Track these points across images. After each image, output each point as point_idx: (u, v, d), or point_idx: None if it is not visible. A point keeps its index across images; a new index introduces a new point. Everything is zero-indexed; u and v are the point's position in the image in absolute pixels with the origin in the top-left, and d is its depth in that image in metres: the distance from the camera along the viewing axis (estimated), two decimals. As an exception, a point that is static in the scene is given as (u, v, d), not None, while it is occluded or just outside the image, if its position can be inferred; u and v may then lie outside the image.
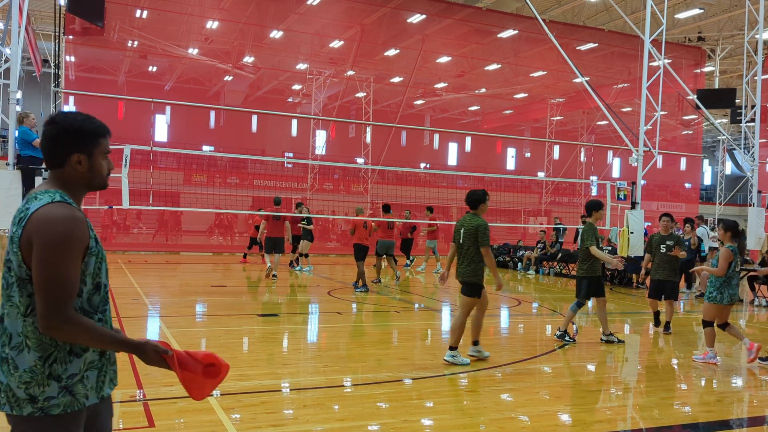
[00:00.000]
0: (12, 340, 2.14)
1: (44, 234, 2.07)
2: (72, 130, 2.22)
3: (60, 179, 2.24)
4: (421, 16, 25.16)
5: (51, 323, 2.07)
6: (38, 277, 2.07)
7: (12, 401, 2.12)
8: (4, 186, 9.89)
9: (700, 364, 7.48)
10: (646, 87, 15.58)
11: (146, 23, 26.46)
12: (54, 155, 2.23)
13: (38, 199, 2.15)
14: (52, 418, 2.13)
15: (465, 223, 7.14)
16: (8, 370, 2.13)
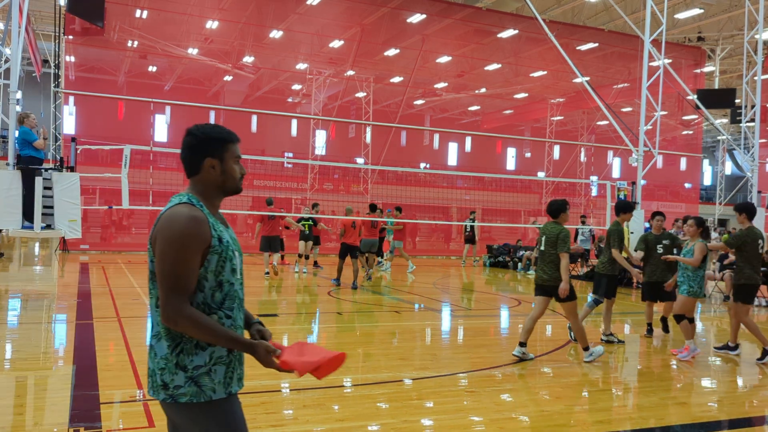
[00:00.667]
0: (153, 329, 2.35)
1: (165, 231, 2.27)
2: (204, 138, 2.41)
3: (197, 185, 2.43)
4: (421, 16, 25.15)
5: (167, 314, 2.24)
6: (158, 270, 2.27)
7: (153, 385, 2.35)
8: (4, 186, 9.90)
9: (684, 362, 7.50)
10: (646, 87, 15.59)
11: (146, 23, 26.44)
12: (191, 163, 2.42)
13: (171, 202, 2.38)
14: (181, 406, 2.32)
15: (547, 231, 7.49)
16: (152, 357, 2.35)
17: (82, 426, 4.62)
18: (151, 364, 2.34)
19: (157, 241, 2.27)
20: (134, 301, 11.07)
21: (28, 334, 8.27)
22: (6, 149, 17.78)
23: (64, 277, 15.16)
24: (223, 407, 2.35)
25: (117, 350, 7.23)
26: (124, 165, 12.00)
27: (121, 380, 5.89)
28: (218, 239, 2.34)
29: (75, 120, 34.83)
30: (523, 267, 20.37)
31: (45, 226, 10.29)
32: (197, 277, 2.28)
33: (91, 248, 21.83)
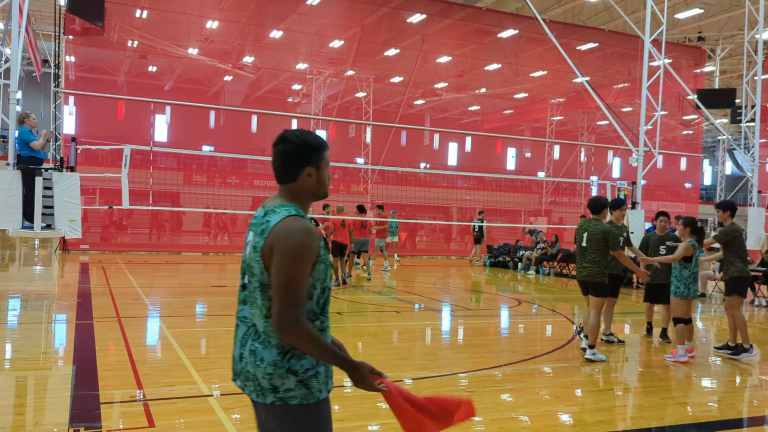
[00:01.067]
0: (260, 337, 2.38)
1: (283, 244, 2.30)
2: (304, 146, 2.44)
3: (292, 192, 2.48)
4: (421, 16, 25.15)
5: (283, 326, 2.28)
6: (275, 282, 2.30)
7: (257, 389, 2.36)
8: (4, 186, 9.90)
9: (672, 363, 7.50)
10: (646, 87, 15.58)
11: (146, 23, 26.44)
12: (288, 170, 2.46)
13: (277, 213, 2.38)
14: (291, 408, 2.36)
15: (589, 228, 7.58)
16: (254, 362, 2.36)
17: (82, 426, 4.62)
18: (252, 369, 2.37)
19: (277, 254, 2.30)
20: (134, 301, 11.07)
21: (28, 334, 8.27)
22: (6, 149, 17.78)
23: (64, 277, 15.16)
24: (324, 407, 2.45)
25: (117, 350, 7.23)
26: (124, 165, 12.00)
27: (121, 380, 5.89)
28: (323, 248, 2.42)
29: (75, 120, 34.83)
30: (523, 267, 20.36)
31: (45, 226, 10.29)
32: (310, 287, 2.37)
33: (91, 248, 21.83)
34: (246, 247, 2.46)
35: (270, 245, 2.31)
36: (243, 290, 2.47)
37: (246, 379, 2.40)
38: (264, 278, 2.34)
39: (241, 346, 2.43)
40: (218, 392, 5.60)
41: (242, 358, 2.40)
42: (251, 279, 2.39)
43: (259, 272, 2.35)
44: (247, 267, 2.42)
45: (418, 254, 27.74)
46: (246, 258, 2.44)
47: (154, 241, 26.59)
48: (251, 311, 2.41)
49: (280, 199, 2.47)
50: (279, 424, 2.37)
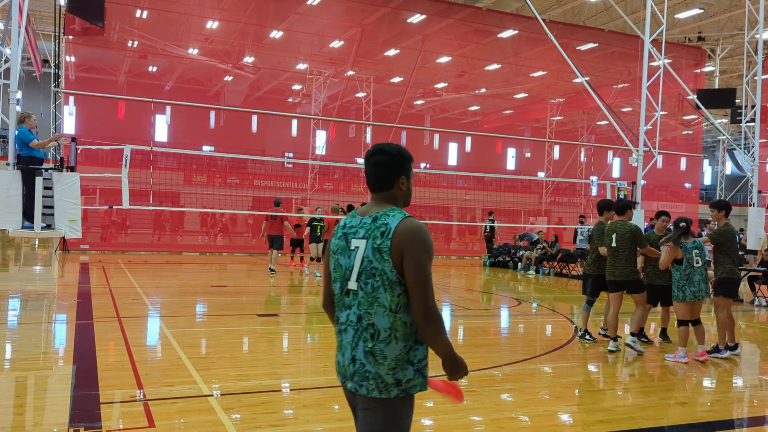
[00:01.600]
0: (380, 335, 2.52)
1: (416, 244, 2.50)
2: (399, 157, 2.68)
3: (388, 199, 2.68)
4: (421, 16, 25.14)
5: (429, 317, 2.48)
6: (415, 279, 2.48)
7: (381, 386, 2.51)
8: (4, 186, 9.89)
9: (672, 363, 7.47)
10: (646, 87, 15.57)
11: (146, 23, 26.44)
12: (386, 179, 2.67)
13: (391, 216, 2.57)
14: (411, 397, 2.57)
15: (617, 229, 7.88)
16: (375, 361, 2.51)
17: (82, 426, 4.62)
18: (373, 368, 2.51)
19: (411, 253, 2.48)
20: (134, 301, 11.07)
21: (28, 334, 8.27)
22: (6, 149, 17.78)
23: (64, 277, 15.16)
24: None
25: (117, 350, 7.23)
26: (125, 165, 11.99)
27: (121, 380, 5.89)
28: None
29: (75, 120, 34.83)
30: (523, 267, 20.36)
31: (45, 226, 10.29)
32: None
33: (91, 248, 21.82)
34: (346, 254, 2.61)
35: (398, 244, 2.49)
36: (347, 296, 2.61)
37: (363, 378, 2.53)
38: (393, 275, 2.50)
39: (352, 350, 2.57)
40: (218, 392, 5.60)
41: (355, 360, 2.55)
42: (370, 280, 2.53)
43: (388, 271, 2.50)
44: (363, 270, 2.55)
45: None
46: (354, 263, 2.58)
47: (155, 241, 26.59)
48: (370, 311, 2.53)
49: (381, 205, 2.66)
50: (400, 413, 2.56)
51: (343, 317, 2.62)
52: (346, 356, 2.60)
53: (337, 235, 2.70)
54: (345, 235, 2.65)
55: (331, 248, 2.73)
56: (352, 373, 2.57)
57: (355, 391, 2.58)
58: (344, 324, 2.61)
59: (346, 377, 2.61)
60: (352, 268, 2.58)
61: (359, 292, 2.55)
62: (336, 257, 2.66)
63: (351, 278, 2.58)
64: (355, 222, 2.64)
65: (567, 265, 19.17)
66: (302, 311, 11.50)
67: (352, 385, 2.58)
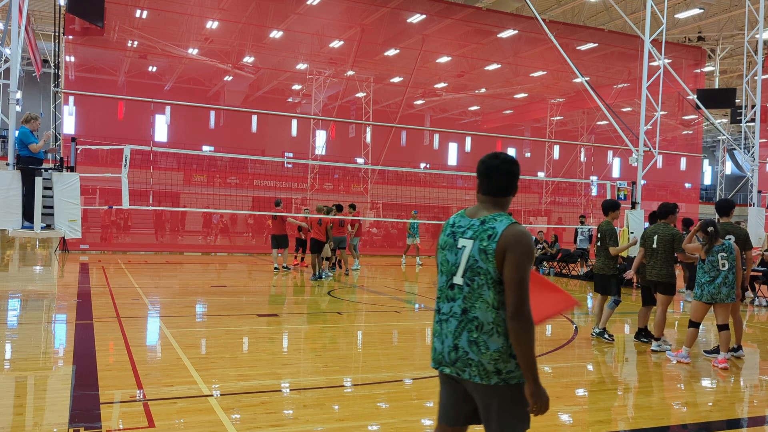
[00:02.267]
0: (483, 327, 2.75)
1: (518, 246, 2.72)
2: (518, 169, 2.94)
3: (500, 204, 2.91)
4: (421, 16, 25.15)
5: (521, 315, 2.67)
6: (513, 279, 2.69)
7: (482, 374, 2.75)
8: (4, 186, 9.89)
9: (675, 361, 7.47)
10: (646, 87, 15.57)
11: (146, 23, 26.44)
12: (508, 187, 2.90)
13: (499, 221, 2.79)
14: (510, 387, 2.76)
15: (659, 231, 8.20)
16: (478, 350, 2.75)
17: (82, 426, 4.62)
18: (476, 356, 2.75)
19: (512, 254, 2.70)
20: (134, 301, 11.07)
21: (28, 334, 8.27)
22: (6, 149, 17.78)
23: (64, 277, 15.16)
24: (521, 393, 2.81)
25: (117, 350, 7.23)
26: (124, 165, 11.98)
27: (121, 380, 5.89)
28: None
29: (75, 120, 34.84)
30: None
31: (45, 226, 10.28)
32: None
33: (91, 248, 21.83)
34: (453, 251, 2.86)
35: (503, 247, 2.72)
36: (451, 290, 2.85)
37: (466, 365, 2.78)
38: (496, 275, 2.73)
39: (454, 338, 2.81)
40: (218, 392, 5.60)
41: (458, 348, 2.80)
42: (475, 278, 2.77)
43: (492, 270, 2.73)
44: (468, 267, 2.79)
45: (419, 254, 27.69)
46: (460, 260, 2.82)
47: (154, 241, 26.59)
48: (475, 306, 2.77)
49: (490, 209, 2.88)
50: (501, 401, 2.77)
51: (446, 308, 2.86)
52: (446, 344, 2.84)
53: (445, 233, 2.94)
54: (453, 233, 2.89)
55: (439, 244, 2.98)
56: (453, 360, 2.81)
57: (457, 376, 2.82)
58: (447, 314, 2.86)
59: (443, 363, 2.86)
60: (458, 265, 2.83)
61: (465, 287, 2.80)
62: (444, 253, 2.92)
63: (457, 274, 2.83)
64: (464, 222, 2.88)
65: (567, 265, 19.17)
66: (302, 311, 11.50)
67: (452, 370, 2.83)
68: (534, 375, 2.71)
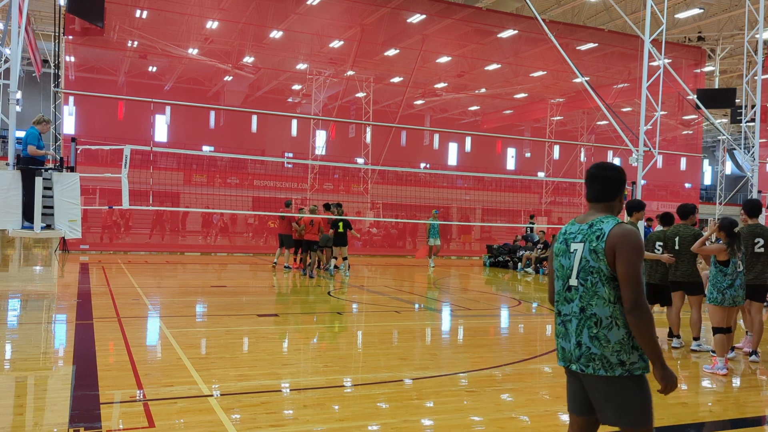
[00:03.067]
0: (602, 322, 2.97)
1: (629, 245, 2.93)
2: (624, 177, 3.18)
3: (606, 209, 3.14)
4: (421, 16, 25.14)
5: (638, 307, 2.88)
6: (626, 275, 2.90)
7: (606, 366, 2.95)
8: (4, 186, 9.89)
9: (707, 373, 7.33)
10: (646, 87, 15.57)
11: (146, 23, 26.44)
12: (612, 193, 3.14)
13: (605, 222, 3.03)
14: (634, 378, 2.96)
15: (680, 232, 8.26)
16: (600, 344, 2.96)
17: (82, 426, 4.62)
18: (599, 350, 2.96)
19: (623, 252, 2.92)
20: (134, 301, 11.07)
21: (28, 334, 8.27)
22: (6, 149, 17.79)
23: (64, 277, 15.16)
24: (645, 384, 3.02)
25: (117, 350, 7.23)
26: (124, 165, 11.99)
27: (121, 380, 5.89)
28: None
29: (75, 120, 34.84)
30: (522, 267, 20.34)
31: (45, 226, 10.29)
32: None
33: (91, 248, 21.83)
34: (567, 256, 3.10)
35: (612, 246, 2.94)
36: (568, 292, 3.09)
37: (590, 360, 2.98)
38: (608, 272, 2.95)
39: (576, 336, 3.04)
40: (218, 392, 5.60)
41: (581, 345, 3.01)
42: (588, 277, 3.00)
43: (604, 268, 2.96)
44: (582, 269, 3.03)
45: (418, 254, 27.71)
46: (573, 263, 3.06)
47: (154, 241, 26.59)
48: (591, 303, 2.99)
49: (597, 214, 3.12)
50: (625, 392, 2.95)
51: (566, 309, 3.10)
52: (571, 342, 3.06)
53: (558, 240, 3.20)
54: (566, 240, 3.15)
55: (554, 251, 3.23)
56: (578, 356, 3.03)
57: (581, 371, 3.02)
58: (568, 315, 3.09)
59: (570, 361, 3.08)
60: (572, 268, 3.07)
61: (580, 287, 3.03)
62: (558, 259, 3.17)
63: (572, 276, 3.07)
64: (574, 229, 3.13)
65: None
66: (302, 311, 11.51)
67: (577, 366, 3.03)
68: (660, 360, 2.92)
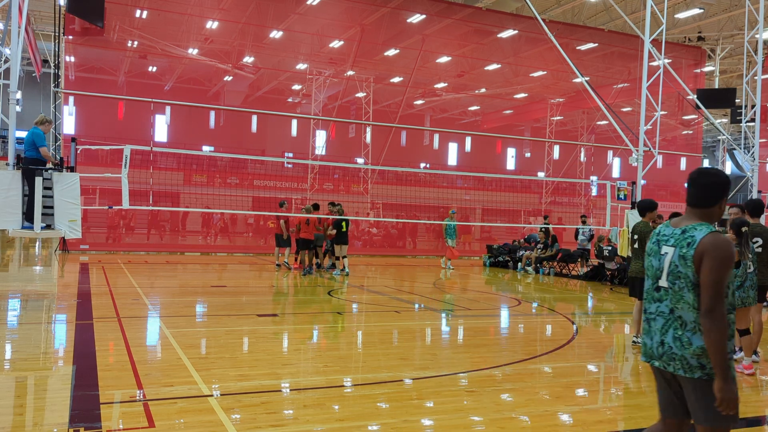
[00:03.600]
0: (687, 326, 3.06)
1: (716, 253, 2.98)
2: (726, 183, 3.18)
3: (705, 216, 3.16)
4: (421, 16, 25.15)
5: (712, 313, 2.94)
6: (708, 282, 2.96)
7: (685, 367, 3.05)
8: (4, 186, 9.88)
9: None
10: (646, 87, 15.58)
11: (146, 23, 26.44)
12: (711, 199, 3.16)
13: (698, 230, 3.07)
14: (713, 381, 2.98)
15: None
16: (682, 346, 3.06)
17: (82, 426, 4.62)
18: (680, 351, 3.06)
19: (709, 260, 2.97)
20: (134, 301, 11.07)
21: (28, 334, 8.27)
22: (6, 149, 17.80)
23: (64, 277, 15.16)
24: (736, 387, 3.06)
25: (117, 350, 7.23)
26: (124, 165, 11.98)
27: (121, 380, 5.89)
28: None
29: (75, 120, 34.84)
30: (522, 267, 20.34)
31: (45, 226, 10.28)
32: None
33: (91, 248, 21.83)
34: (657, 257, 3.20)
35: (700, 253, 3.00)
36: (657, 292, 3.19)
37: (670, 359, 3.10)
38: (695, 279, 3.02)
39: (661, 335, 3.15)
40: (218, 392, 5.60)
41: (664, 344, 3.13)
42: (676, 281, 3.09)
43: (691, 275, 3.03)
44: (671, 272, 3.11)
45: (419, 254, 27.74)
46: (663, 265, 3.15)
47: (154, 241, 26.59)
48: (678, 306, 3.09)
49: (694, 219, 3.16)
50: (704, 393, 3.01)
51: (653, 308, 3.21)
52: (654, 340, 3.18)
53: (652, 241, 3.29)
54: (658, 241, 3.24)
55: (647, 251, 3.32)
56: (660, 354, 3.15)
57: (663, 369, 3.15)
58: (654, 314, 3.20)
59: (653, 357, 3.20)
60: (662, 269, 3.16)
61: (668, 289, 3.13)
62: (649, 259, 3.26)
63: (662, 277, 3.17)
64: (667, 232, 3.21)
65: (567, 265, 19.16)
66: (302, 311, 11.51)
67: (660, 363, 3.17)
68: (724, 371, 2.92)
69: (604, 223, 15.80)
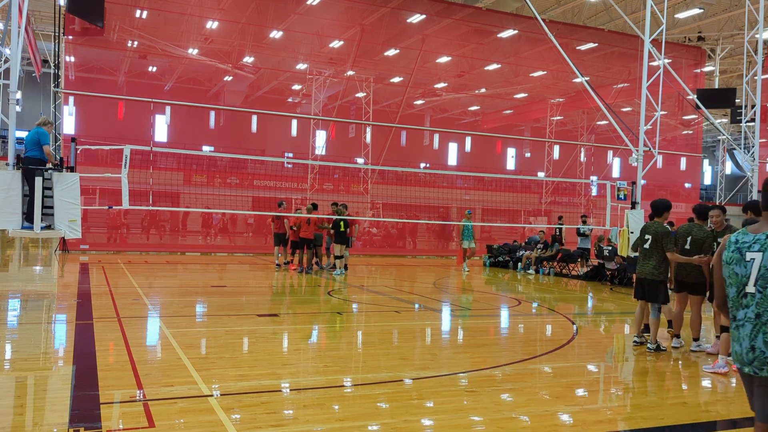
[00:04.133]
0: None
1: None
2: None
3: None
4: (421, 16, 25.15)
5: None
6: None
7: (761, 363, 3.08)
8: (4, 186, 9.88)
9: (707, 373, 7.26)
10: (646, 87, 15.57)
11: (146, 23, 26.44)
12: None
13: None
14: None
15: (693, 233, 8.15)
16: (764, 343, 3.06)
17: (82, 426, 4.62)
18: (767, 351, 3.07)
19: None
20: (134, 301, 11.07)
21: (28, 334, 8.27)
22: (6, 149, 17.79)
23: (64, 277, 15.16)
24: None
25: (117, 350, 7.23)
26: (124, 165, 11.97)
27: (121, 380, 5.89)
28: None
29: (75, 120, 34.83)
30: (522, 267, 20.35)
31: (45, 226, 10.28)
32: None
33: (91, 248, 21.83)
34: (742, 264, 3.18)
35: None
36: (744, 298, 3.18)
37: (763, 364, 3.09)
38: None
39: (750, 340, 3.14)
40: (218, 392, 5.60)
41: (755, 349, 3.12)
42: (767, 285, 3.08)
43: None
44: (760, 277, 3.11)
45: (419, 254, 27.76)
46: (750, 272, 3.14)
47: (154, 241, 26.58)
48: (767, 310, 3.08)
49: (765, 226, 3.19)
50: None
51: (741, 315, 3.19)
52: (744, 346, 3.16)
53: (730, 249, 3.26)
54: (738, 249, 3.21)
55: (724, 260, 3.30)
56: (750, 360, 3.13)
57: (754, 374, 3.13)
58: (742, 320, 3.18)
59: (743, 363, 3.19)
60: (748, 276, 3.14)
61: (757, 294, 3.11)
62: (731, 267, 3.23)
63: (748, 284, 3.15)
64: (747, 238, 3.19)
65: (567, 265, 19.16)
66: (302, 311, 11.50)
67: (750, 369, 3.15)
68: None
69: (604, 223, 15.77)
